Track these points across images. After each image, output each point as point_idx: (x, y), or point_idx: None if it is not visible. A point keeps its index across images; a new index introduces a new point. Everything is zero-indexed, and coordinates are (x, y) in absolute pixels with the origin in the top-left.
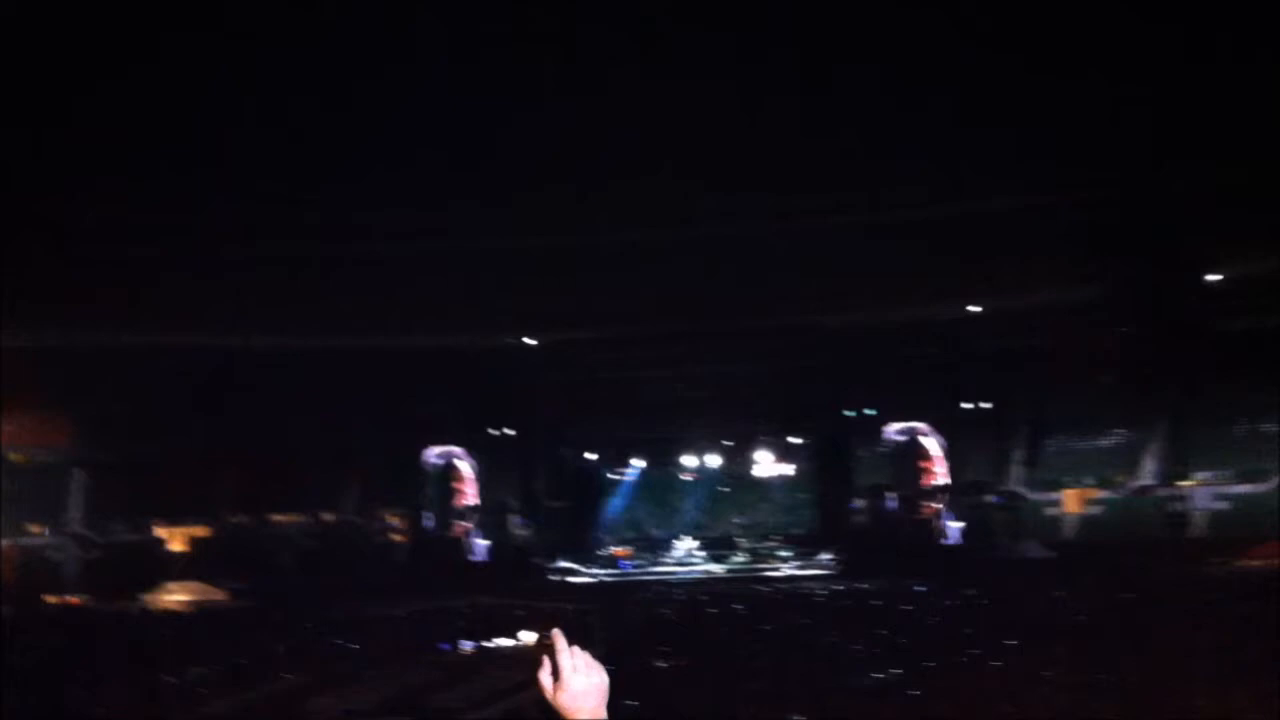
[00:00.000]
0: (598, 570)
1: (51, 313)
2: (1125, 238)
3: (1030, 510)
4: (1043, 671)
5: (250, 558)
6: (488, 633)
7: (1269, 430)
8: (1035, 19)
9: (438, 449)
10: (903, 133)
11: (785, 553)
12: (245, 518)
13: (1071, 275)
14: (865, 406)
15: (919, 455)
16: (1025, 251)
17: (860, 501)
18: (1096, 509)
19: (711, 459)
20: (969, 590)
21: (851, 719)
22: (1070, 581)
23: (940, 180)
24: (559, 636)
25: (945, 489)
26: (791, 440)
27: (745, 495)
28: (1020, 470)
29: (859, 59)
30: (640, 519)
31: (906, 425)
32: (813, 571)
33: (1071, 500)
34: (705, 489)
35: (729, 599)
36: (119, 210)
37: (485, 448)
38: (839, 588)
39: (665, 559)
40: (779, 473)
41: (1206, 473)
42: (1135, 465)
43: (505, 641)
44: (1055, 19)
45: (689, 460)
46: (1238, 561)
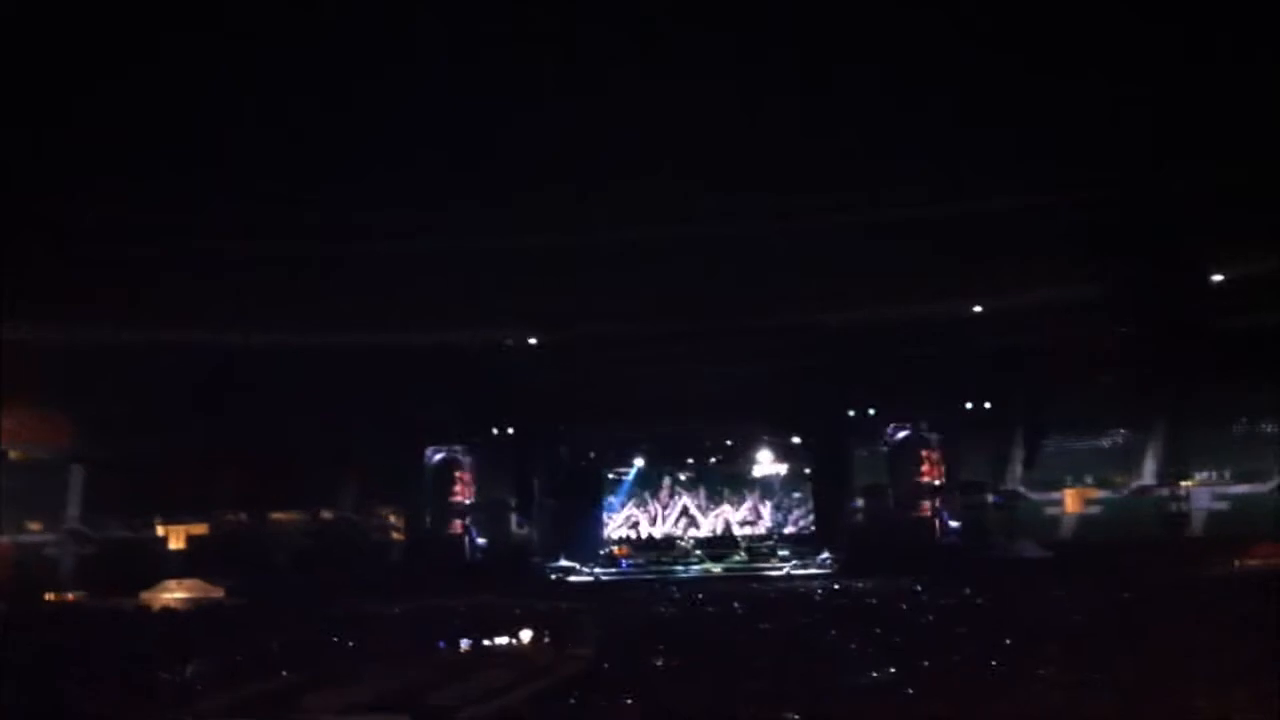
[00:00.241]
0: (597, 569)
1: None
2: (1125, 238)
3: (1029, 510)
4: (1038, 670)
5: (248, 555)
6: (485, 631)
7: (1267, 431)
8: (1035, 19)
9: (436, 447)
10: (903, 133)
11: (784, 552)
12: (244, 515)
13: (1071, 275)
14: (865, 406)
15: (918, 455)
16: (1025, 251)
17: (859, 501)
18: (1095, 509)
19: (711, 458)
20: (966, 590)
21: (848, 718)
22: (1068, 581)
23: (940, 180)
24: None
25: (944, 488)
26: (792, 440)
27: (743, 495)
28: (1019, 470)
29: (859, 59)
30: (639, 518)
31: (906, 425)
32: (811, 571)
33: (1071, 500)
34: (704, 489)
35: (727, 598)
36: (119, 210)
37: (484, 446)
38: (836, 587)
39: (664, 558)
40: (775, 471)
41: (1205, 473)
42: (1134, 465)
43: (503, 640)
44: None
45: (688, 459)
46: (1236, 561)
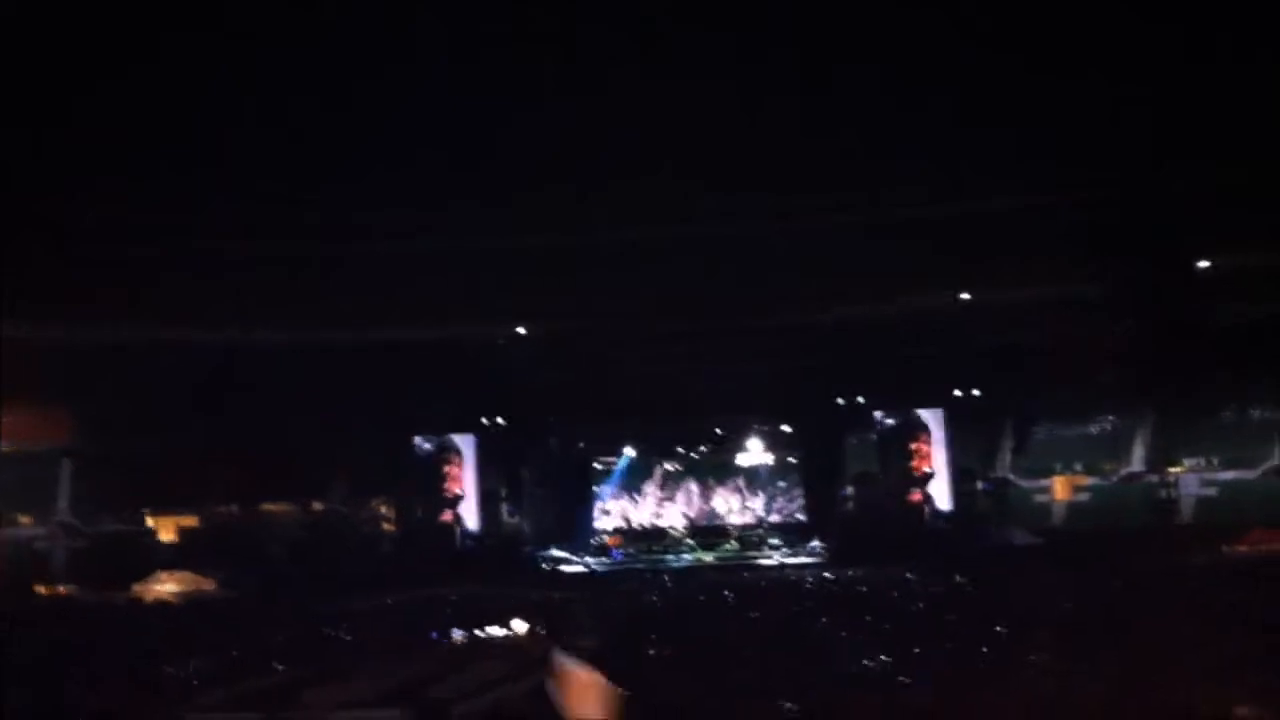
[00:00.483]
0: (588, 559)
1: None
2: (1116, 231)
3: (1019, 497)
4: (1029, 657)
5: (240, 547)
6: (478, 622)
7: (1255, 417)
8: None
9: (427, 438)
10: (903, 133)
11: (774, 541)
12: (235, 508)
13: (1062, 267)
14: (855, 395)
15: (908, 443)
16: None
17: (849, 489)
18: (1085, 496)
19: (702, 448)
20: (956, 577)
21: (839, 707)
22: (1058, 568)
23: (940, 180)
24: (560, 659)
25: (934, 476)
26: (782, 429)
27: (734, 484)
28: (1009, 457)
29: (859, 59)
30: (632, 508)
31: (896, 413)
32: (802, 559)
33: (1060, 487)
34: (695, 478)
35: (719, 587)
36: (119, 210)
37: (476, 437)
38: (827, 575)
39: (655, 547)
40: (766, 461)
41: (1194, 460)
42: (1124, 452)
43: (496, 631)
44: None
45: (679, 449)
46: (1225, 548)
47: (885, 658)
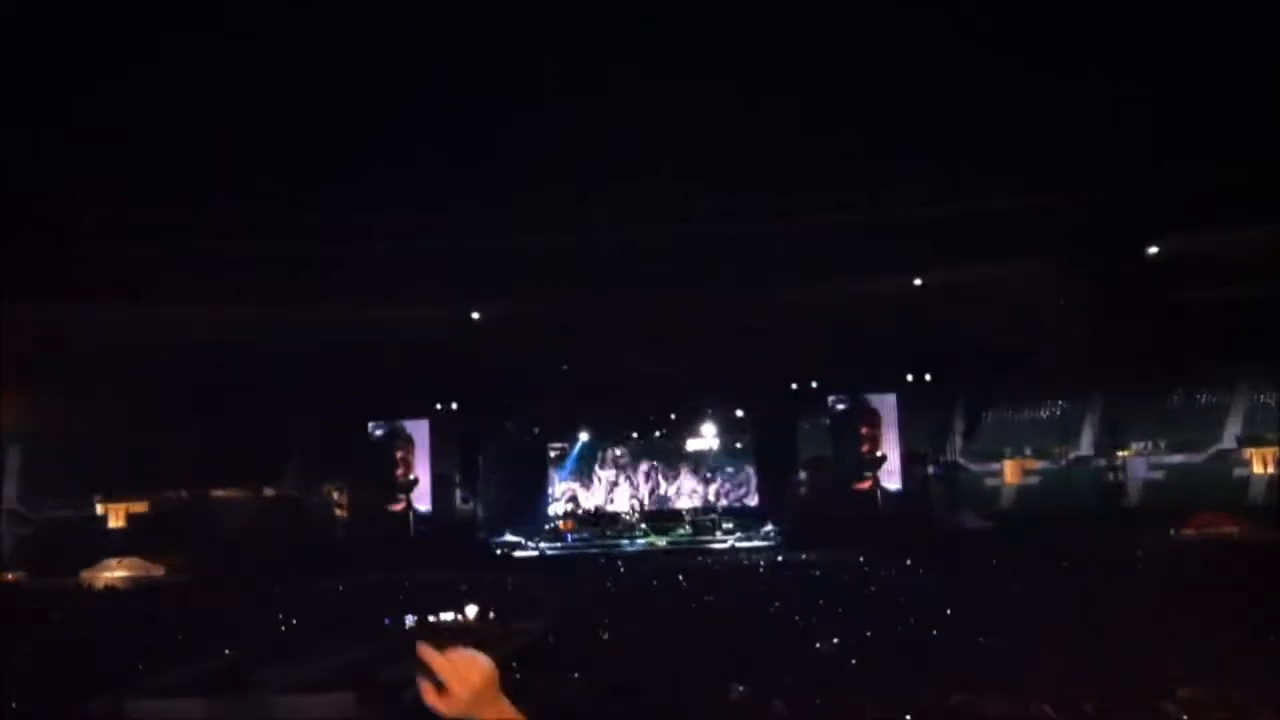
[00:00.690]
0: (542, 544)
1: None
2: (1075, 225)
3: (970, 481)
4: (979, 639)
5: (189, 533)
6: (430, 607)
7: (1201, 402)
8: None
9: (379, 423)
10: (903, 133)
11: (727, 525)
12: (184, 493)
13: (1011, 252)
14: (808, 379)
15: (860, 427)
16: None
17: (802, 474)
18: (1034, 479)
19: (655, 432)
20: (908, 561)
21: (793, 689)
22: (1007, 551)
23: (940, 180)
24: (425, 649)
25: (885, 460)
26: (735, 414)
27: (687, 468)
28: (960, 442)
29: (859, 59)
30: (585, 492)
31: (848, 397)
32: (755, 544)
33: (1010, 471)
34: (648, 463)
35: (671, 571)
36: (119, 210)
37: (430, 422)
38: (780, 560)
39: (608, 531)
40: (719, 445)
41: (1141, 443)
42: (1072, 436)
43: (447, 615)
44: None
45: (632, 434)
46: (1171, 531)
47: (838, 640)
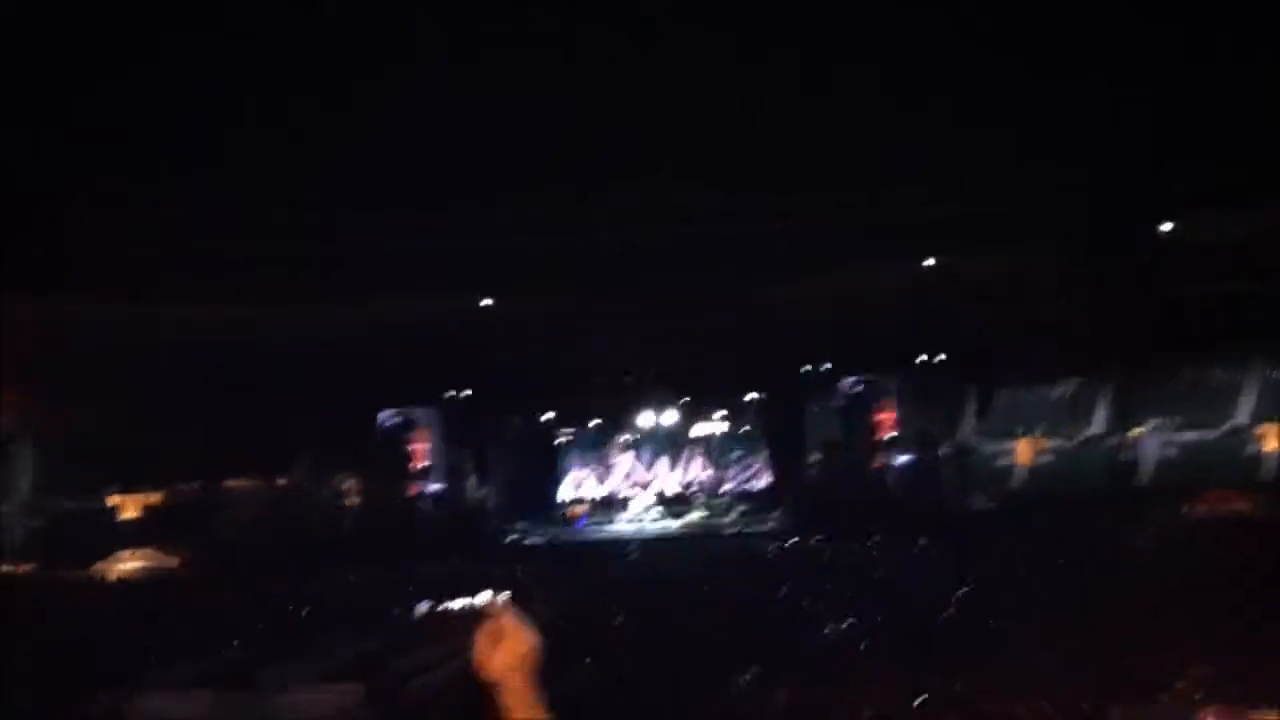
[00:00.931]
0: (553, 529)
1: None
2: (1087, 204)
3: (982, 461)
4: (989, 623)
5: (203, 524)
6: (441, 596)
7: (1214, 378)
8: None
9: (390, 412)
10: (903, 133)
11: (739, 508)
12: (198, 484)
13: (1024, 229)
14: (820, 361)
15: (871, 409)
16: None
17: (813, 456)
18: (1047, 459)
19: (666, 417)
20: (920, 542)
21: (803, 674)
22: (1019, 532)
23: (940, 180)
24: (494, 603)
25: (897, 442)
26: (746, 397)
27: (698, 452)
28: (972, 421)
29: (859, 59)
30: (595, 478)
31: (859, 378)
32: (766, 527)
33: (1022, 450)
34: (659, 447)
35: (682, 556)
36: (119, 210)
37: (441, 411)
38: (791, 542)
39: (619, 517)
40: (730, 429)
41: (1154, 421)
42: (1085, 415)
43: (458, 604)
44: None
45: (643, 418)
46: (1184, 509)
47: (849, 624)
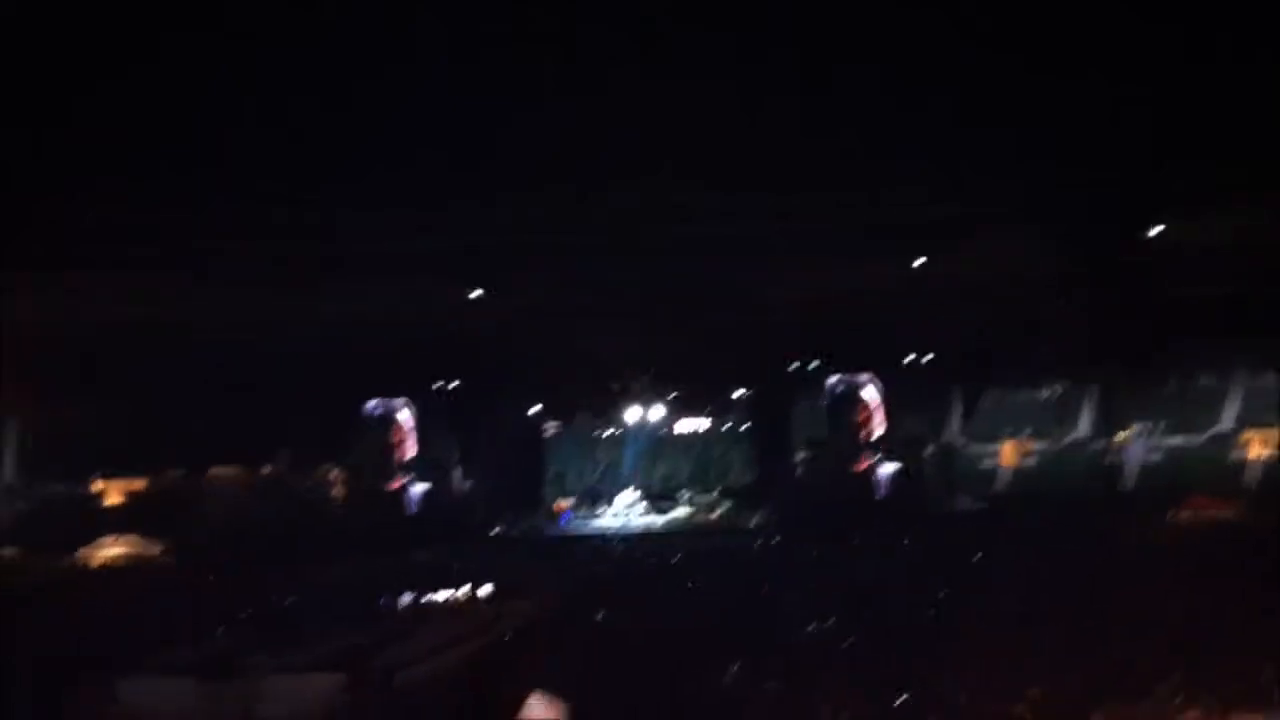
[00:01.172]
0: (537, 525)
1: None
2: (1075, 208)
3: (967, 462)
4: (975, 620)
5: (187, 511)
6: (425, 589)
7: (1200, 384)
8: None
9: (376, 403)
10: (903, 133)
11: (724, 506)
12: (182, 472)
13: (1012, 233)
14: (807, 360)
15: (857, 408)
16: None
17: (799, 455)
18: (1032, 461)
19: (653, 413)
20: (905, 542)
21: (789, 670)
22: (1004, 534)
23: (940, 180)
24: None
25: (883, 442)
26: (732, 395)
27: (684, 450)
28: (958, 423)
29: (859, 59)
30: (581, 473)
31: (845, 378)
32: (751, 525)
33: (1008, 453)
34: (644, 444)
35: (666, 553)
36: (119, 210)
37: (427, 403)
38: (776, 541)
39: (606, 512)
40: (715, 426)
41: (1140, 425)
42: (1071, 418)
43: (442, 597)
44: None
45: (630, 415)
46: (1166, 515)
47: (833, 622)
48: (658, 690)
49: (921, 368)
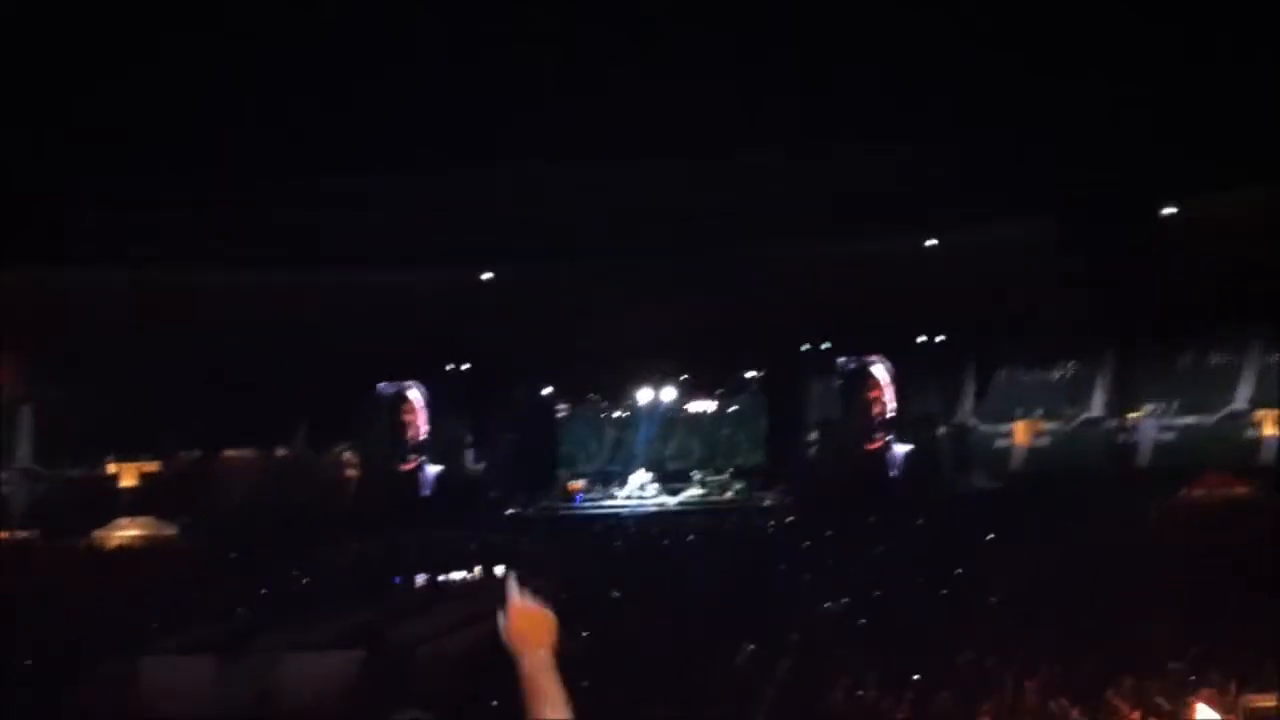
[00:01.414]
0: (552, 504)
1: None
2: (1089, 185)
3: (980, 442)
4: (988, 599)
5: (202, 493)
6: (441, 568)
7: (1213, 363)
8: (1035, 19)
9: (390, 384)
10: (902, 133)
11: (738, 486)
12: (197, 453)
13: (1025, 211)
14: (820, 340)
15: (869, 387)
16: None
17: (812, 435)
18: (1045, 440)
19: (665, 393)
20: (918, 521)
21: (801, 647)
22: (1017, 513)
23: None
24: (511, 579)
25: (896, 421)
26: (745, 375)
27: (697, 429)
28: (971, 402)
29: (859, 59)
30: (593, 454)
31: (859, 358)
32: (764, 504)
33: (1020, 432)
34: (656, 425)
35: (681, 531)
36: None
37: (440, 383)
38: (789, 520)
39: (619, 492)
40: (728, 406)
41: (1153, 404)
42: (1083, 397)
43: (457, 575)
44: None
45: (642, 394)
46: (1179, 492)
47: (846, 600)
48: (672, 668)
49: (934, 348)
